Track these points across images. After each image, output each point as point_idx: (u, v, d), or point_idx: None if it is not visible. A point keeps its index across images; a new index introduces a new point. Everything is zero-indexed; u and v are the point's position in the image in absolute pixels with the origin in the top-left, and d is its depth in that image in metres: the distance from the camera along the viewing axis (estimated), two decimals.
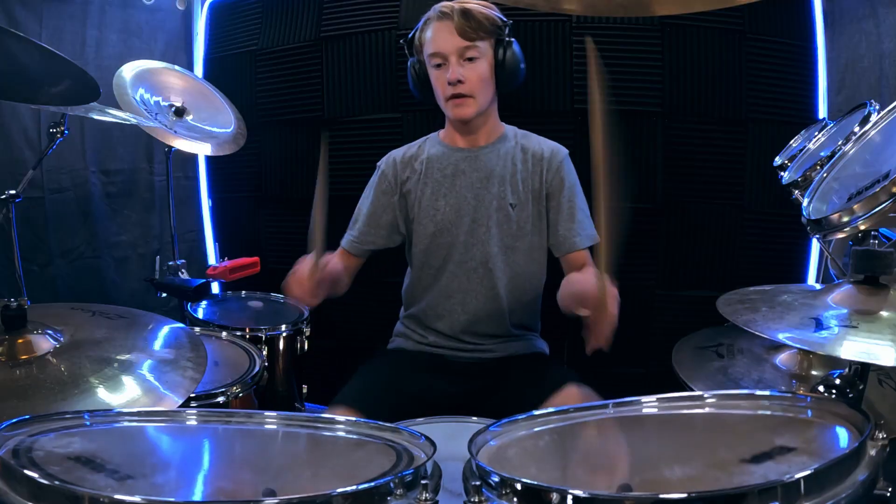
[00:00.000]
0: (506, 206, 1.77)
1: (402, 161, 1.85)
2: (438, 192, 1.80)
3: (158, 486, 0.78)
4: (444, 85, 1.72)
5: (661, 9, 1.08)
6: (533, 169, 1.79)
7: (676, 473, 0.78)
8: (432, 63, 1.74)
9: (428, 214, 1.80)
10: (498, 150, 1.81)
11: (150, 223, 2.75)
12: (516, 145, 1.82)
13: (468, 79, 1.70)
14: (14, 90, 1.45)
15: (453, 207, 1.78)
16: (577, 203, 1.78)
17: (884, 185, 1.01)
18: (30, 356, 1.15)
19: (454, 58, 1.69)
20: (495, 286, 1.77)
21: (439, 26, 1.71)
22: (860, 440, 0.77)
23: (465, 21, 1.68)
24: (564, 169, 1.79)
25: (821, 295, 1.09)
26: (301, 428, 0.99)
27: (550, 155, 1.79)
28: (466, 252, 1.78)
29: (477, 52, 1.70)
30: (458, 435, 1.00)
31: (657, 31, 2.22)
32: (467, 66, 1.70)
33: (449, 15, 1.70)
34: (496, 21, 1.72)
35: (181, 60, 2.73)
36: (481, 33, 1.70)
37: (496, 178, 1.78)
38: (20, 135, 2.31)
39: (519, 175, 1.78)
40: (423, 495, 0.75)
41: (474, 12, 1.70)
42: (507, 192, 1.77)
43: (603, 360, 2.35)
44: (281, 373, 2.01)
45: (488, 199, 1.77)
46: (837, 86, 2.22)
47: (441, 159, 1.82)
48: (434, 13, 1.73)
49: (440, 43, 1.70)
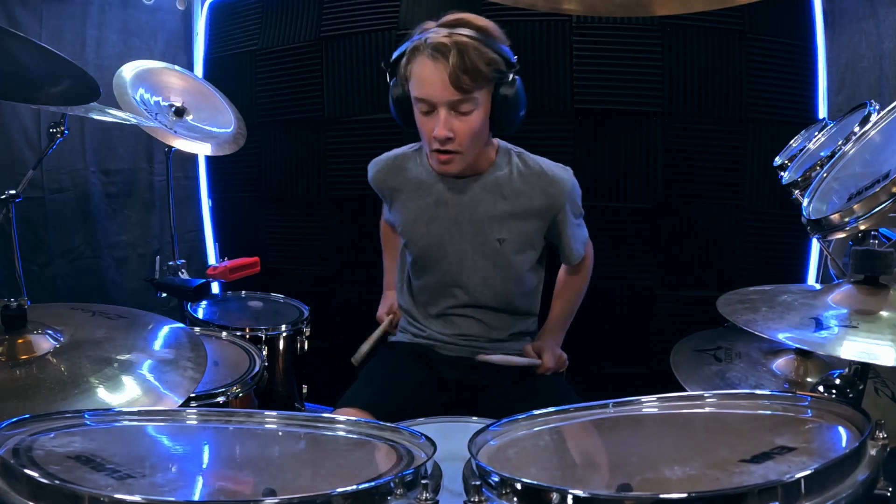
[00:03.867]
0: (492, 242, 1.63)
1: (387, 173, 1.72)
2: (421, 219, 1.67)
3: (158, 486, 0.78)
4: (429, 133, 1.49)
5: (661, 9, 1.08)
6: (531, 206, 1.61)
7: (676, 473, 0.78)
8: (418, 105, 1.49)
9: (412, 237, 1.70)
10: (485, 183, 1.61)
11: (150, 223, 2.76)
12: (513, 175, 1.61)
13: (458, 134, 1.47)
14: (14, 90, 1.45)
15: (435, 238, 1.66)
16: (576, 222, 1.70)
17: (884, 185, 1.01)
18: (30, 356, 1.14)
19: (444, 110, 1.44)
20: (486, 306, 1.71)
21: (430, 68, 1.42)
22: (860, 440, 0.77)
23: (461, 69, 1.39)
24: (567, 207, 1.63)
25: (821, 295, 1.09)
26: (301, 428, 0.99)
27: (556, 194, 1.60)
28: (453, 278, 1.69)
29: (471, 104, 1.45)
30: (458, 435, 1.00)
31: (657, 31, 2.22)
32: (459, 119, 1.46)
33: (444, 55, 1.40)
34: (499, 65, 1.45)
35: (181, 60, 2.73)
36: (480, 82, 1.43)
37: (481, 215, 1.62)
38: (20, 135, 2.31)
39: (511, 211, 1.61)
40: (423, 495, 0.75)
41: (474, 57, 1.40)
42: (495, 228, 1.62)
43: (603, 360, 2.37)
44: (281, 373, 2.02)
45: (471, 234, 1.63)
46: (837, 86, 2.22)
47: (424, 185, 1.66)
48: (426, 45, 1.43)
49: (428, 90, 1.44)
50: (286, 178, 2.66)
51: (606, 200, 2.26)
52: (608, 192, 2.28)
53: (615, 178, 2.29)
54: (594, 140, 2.28)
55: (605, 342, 2.36)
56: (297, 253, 2.68)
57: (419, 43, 1.45)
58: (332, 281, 2.62)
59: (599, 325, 2.16)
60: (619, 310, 2.36)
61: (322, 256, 2.62)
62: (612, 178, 2.29)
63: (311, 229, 2.63)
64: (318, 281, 2.63)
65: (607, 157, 2.28)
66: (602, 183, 2.27)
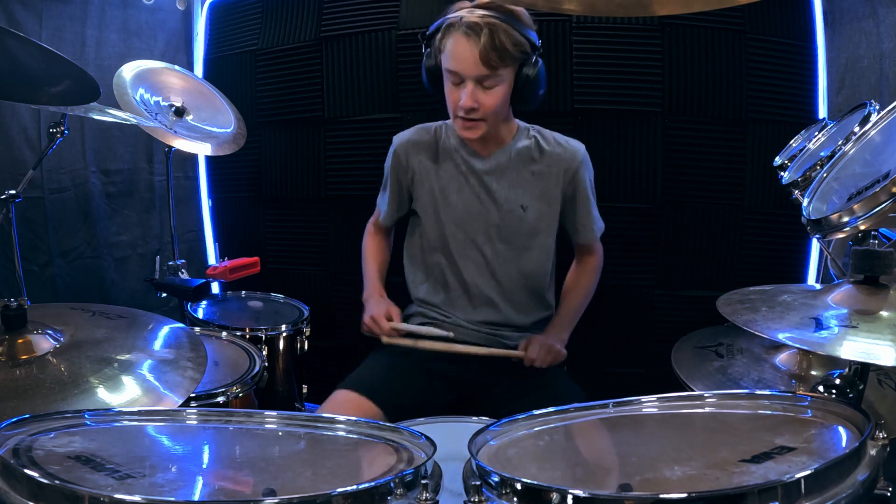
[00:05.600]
0: (517, 209, 1.75)
1: (417, 144, 1.82)
2: (451, 187, 1.78)
3: (158, 486, 0.78)
4: (455, 102, 1.63)
5: (661, 9, 1.08)
6: (549, 170, 1.75)
7: (676, 473, 0.78)
8: (448, 76, 1.64)
9: (441, 207, 1.78)
10: (510, 152, 1.77)
11: (150, 223, 2.76)
12: (531, 144, 1.77)
13: (483, 105, 1.61)
14: (14, 90, 1.45)
15: (465, 205, 1.77)
16: (592, 200, 1.81)
17: (884, 185, 1.01)
18: (30, 356, 1.14)
19: (472, 83, 1.59)
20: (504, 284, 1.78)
21: (463, 44, 1.56)
22: (860, 440, 0.77)
23: (491, 47, 1.54)
24: (582, 171, 1.76)
25: (821, 295, 1.09)
26: (301, 428, 0.99)
27: (570, 157, 1.76)
28: (477, 250, 1.78)
29: (497, 79, 1.60)
30: (458, 435, 1.00)
31: (657, 31, 2.22)
32: (484, 92, 1.61)
33: (476, 34, 1.54)
34: (524, 46, 1.59)
35: (181, 60, 2.73)
36: (507, 61, 1.57)
37: (508, 180, 1.76)
38: (20, 135, 2.31)
39: (533, 176, 1.76)
40: (423, 495, 0.75)
41: (504, 38, 1.54)
42: (520, 194, 1.75)
43: (603, 360, 2.36)
44: (281, 373, 2.02)
45: (500, 200, 1.76)
46: (837, 86, 2.22)
47: (456, 155, 1.79)
48: (460, 23, 1.57)
49: (460, 63, 1.58)
50: (286, 178, 2.66)
51: (606, 200, 2.25)
52: (608, 192, 2.28)
53: (615, 178, 2.29)
54: (594, 140, 2.27)
55: (605, 342, 2.36)
56: (297, 253, 2.68)
57: (454, 20, 1.58)
58: (332, 281, 2.62)
59: (599, 325, 2.16)
60: (619, 309, 2.36)
61: (322, 256, 2.62)
62: (612, 178, 2.29)
63: (311, 229, 2.63)
64: (318, 281, 2.63)
65: (607, 157, 2.28)
66: (602, 183, 2.26)
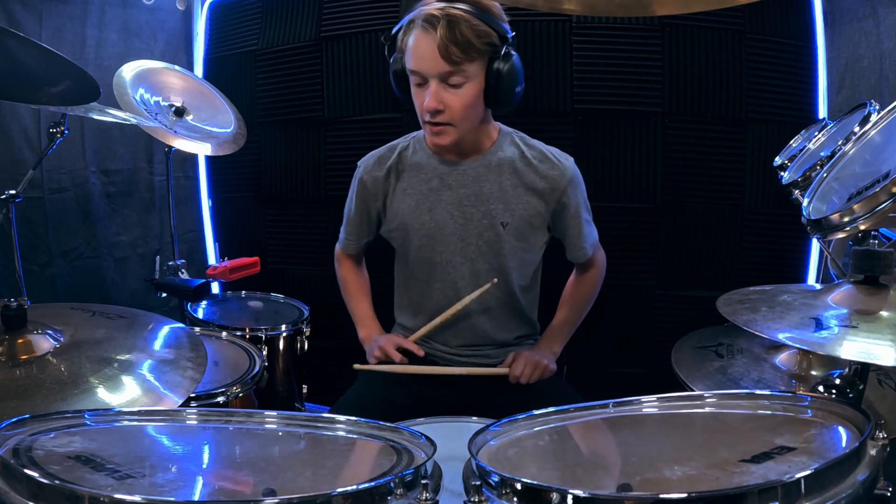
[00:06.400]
0: (496, 226, 1.61)
1: (381, 166, 1.68)
2: (422, 206, 1.64)
3: (158, 486, 0.78)
4: (421, 105, 1.49)
5: (661, 9, 1.08)
6: (534, 187, 1.61)
7: (676, 473, 0.78)
8: (412, 78, 1.49)
9: (412, 228, 1.65)
10: (489, 162, 1.62)
11: (150, 223, 2.76)
12: (514, 156, 1.62)
13: (449, 107, 1.46)
14: (14, 90, 1.45)
15: (438, 224, 1.63)
16: (583, 218, 1.68)
17: (884, 185, 1.01)
18: (30, 356, 1.14)
19: (435, 82, 1.44)
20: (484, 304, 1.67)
21: (421, 39, 1.43)
22: (860, 440, 0.77)
23: (449, 40, 1.38)
24: (570, 191, 1.62)
25: (821, 295, 1.09)
26: (301, 428, 0.99)
27: (558, 176, 1.61)
28: (455, 270, 1.66)
29: (462, 76, 1.44)
30: (458, 435, 1.00)
31: (657, 31, 2.22)
32: (449, 92, 1.45)
33: (433, 26, 1.40)
34: (491, 38, 1.43)
35: (181, 60, 2.73)
36: (471, 54, 1.42)
37: (486, 195, 1.61)
38: (20, 135, 2.31)
39: (515, 190, 1.61)
40: (423, 495, 0.75)
41: (464, 29, 1.39)
42: (499, 211, 1.61)
43: (603, 360, 2.36)
44: (281, 373, 2.01)
45: (476, 217, 1.62)
46: (837, 86, 2.22)
47: (425, 170, 1.65)
48: (419, 17, 1.44)
49: (419, 60, 1.44)
50: (286, 178, 2.66)
51: (606, 200, 2.26)
52: (608, 192, 2.28)
53: (615, 178, 2.29)
54: (594, 140, 2.28)
55: (605, 342, 2.36)
56: (297, 253, 2.67)
57: (415, 16, 1.45)
58: (333, 281, 2.61)
59: (599, 325, 2.16)
60: (619, 309, 2.36)
61: (322, 256, 2.61)
62: (612, 178, 2.29)
63: (311, 229, 2.63)
64: (318, 281, 2.63)
65: (607, 157, 2.28)
66: (602, 183, 2.27)
